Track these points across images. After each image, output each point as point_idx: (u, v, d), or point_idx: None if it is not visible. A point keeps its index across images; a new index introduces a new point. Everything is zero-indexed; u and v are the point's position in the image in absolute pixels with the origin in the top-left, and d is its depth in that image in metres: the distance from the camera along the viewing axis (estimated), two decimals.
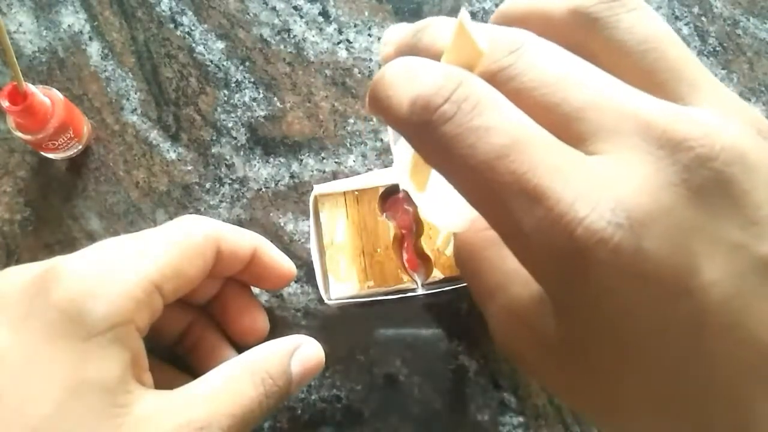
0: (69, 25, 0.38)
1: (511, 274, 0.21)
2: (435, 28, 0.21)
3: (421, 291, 0.33)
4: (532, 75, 0.18)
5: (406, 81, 0.18)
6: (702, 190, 0.16)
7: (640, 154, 0.16)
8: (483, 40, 0.17)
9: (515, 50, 0.18)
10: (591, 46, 0.19)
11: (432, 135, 0.17)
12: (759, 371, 0.16)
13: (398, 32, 0.22)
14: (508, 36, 0.19)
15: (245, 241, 0.30)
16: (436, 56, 0.19)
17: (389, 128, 0.20)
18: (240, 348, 0.31)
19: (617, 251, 0.15)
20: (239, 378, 0.25)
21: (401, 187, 0.25)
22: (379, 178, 0.34)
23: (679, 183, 0.16)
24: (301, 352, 0.28)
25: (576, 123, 0.17)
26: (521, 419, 0.34)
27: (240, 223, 0.36)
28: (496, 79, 0.18)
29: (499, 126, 0.17)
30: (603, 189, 0.16)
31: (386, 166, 0.37)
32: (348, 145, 0.37)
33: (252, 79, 0.38)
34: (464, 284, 0.33)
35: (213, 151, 0.37)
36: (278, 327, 0.34)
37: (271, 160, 0.37)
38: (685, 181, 0.16)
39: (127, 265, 0.25)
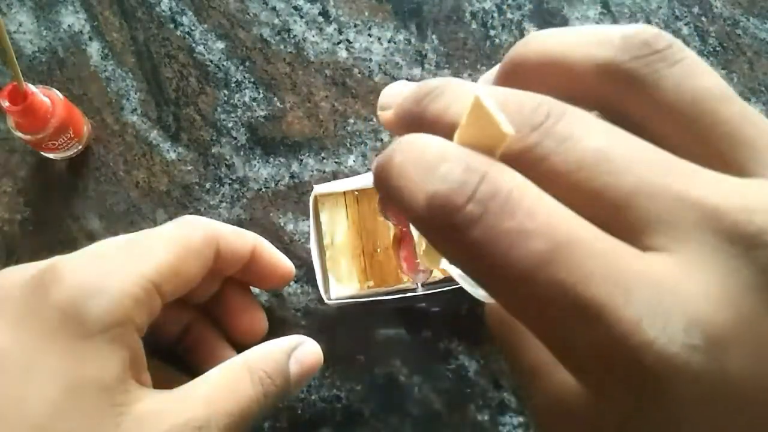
0: (69, 25, 0.38)
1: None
2: (443, 97, 0.17)
3: (421, 291, 0.33)
4: (564, 155, 0.15)
5: (419, 171, 0.15)
6: None
7: (709, 253, 0.14)
8: (506, 121, 0.14)
9: (541, 124, 0.15)
10: (626, 107, 0.16)
11: (455, 239, 0.14)
12: None
13: (398, 93, 0.19)
14: (529, 105, 0.16)
15: (244, 240, 0.30)
16: (446, 129, 0.16)
17: None
18: (239, 347, 0.31)
19: (696, 378, 0.13)
20: (237, 377, 0.26)
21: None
22: None
23: (760, 286, 0.14)
24: (299, 352, 0.28)
25: (625, 212, 0.14)
26: (521, 419, 0.34)
27: (240, 223, 0.36)
28: (521, 161, 0.15)
29: (536, 227, 0.14)
30: (671, 302, 0.13)
31: None
32: (348, 145, 0.37)
33: (252, 79, 0.38)
34: None
35: (213, 151, 0.37)
36: (278, 327, 0.34)
37: (271, 160, 0.37)
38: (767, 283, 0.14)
39: (126, 265, 0.25)
